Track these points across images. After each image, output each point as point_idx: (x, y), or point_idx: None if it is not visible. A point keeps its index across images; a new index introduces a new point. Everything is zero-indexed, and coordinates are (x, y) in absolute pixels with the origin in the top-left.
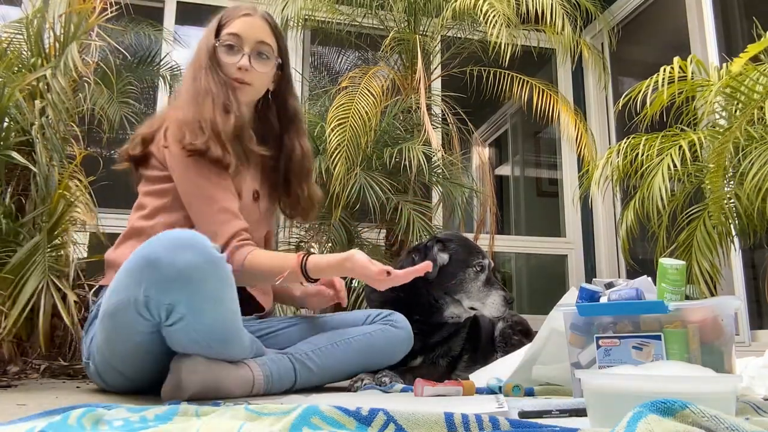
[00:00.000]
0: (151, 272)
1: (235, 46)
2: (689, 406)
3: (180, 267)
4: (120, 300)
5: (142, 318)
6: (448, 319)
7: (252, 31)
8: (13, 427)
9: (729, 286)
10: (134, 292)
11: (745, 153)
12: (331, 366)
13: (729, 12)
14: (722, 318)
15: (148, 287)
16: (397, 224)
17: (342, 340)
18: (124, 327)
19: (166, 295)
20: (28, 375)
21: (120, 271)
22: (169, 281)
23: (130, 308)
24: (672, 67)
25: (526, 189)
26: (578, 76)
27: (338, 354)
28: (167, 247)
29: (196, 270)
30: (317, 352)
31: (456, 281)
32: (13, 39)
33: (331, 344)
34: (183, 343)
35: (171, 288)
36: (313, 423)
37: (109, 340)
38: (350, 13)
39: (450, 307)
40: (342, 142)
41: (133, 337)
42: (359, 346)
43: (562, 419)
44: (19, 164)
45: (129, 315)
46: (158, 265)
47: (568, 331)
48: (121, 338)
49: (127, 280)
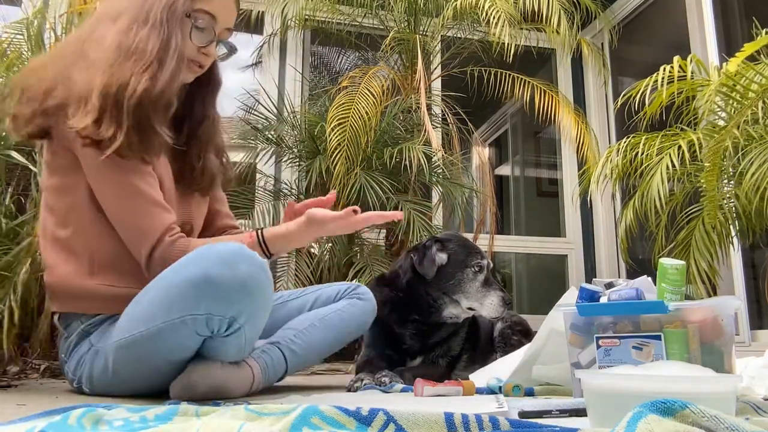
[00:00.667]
0: (213, 290)
1: (206, 28)
2: (689, 406)
3: (241, 279)
4: (167, 322)
5: (197, 335)
6: (446, 320)
7: (226, 15)
8: (13, 427)
9: (729, 286)
10: (189, 311)
11: (744, 152)
12: (312, 346)
13: (729, 12)
14: (722, 318)
15: (210, 304)
16: (397, 224)
17: (318, 320)
18: (170, 346)
19: (230, 308)
20: (28, 375)
21: (152, 296)
22: (231, 294)
23: (182, 328)
24: (672, 66)
25: (526, 189)
26: (578, 76)
27: (317, 334)
28: (222, 263)
29: (253, 280)
30: (299, 335)
31: (454, 281)
32: (13, 39)
33: (310, 325)
34: (228, 351)
35: (234, 301)
36: (313, 423)
37: (138, 361)
38: (350, 13)
39: (448, 307)
40: (342, 141)
41: (176, 353)
42: (333, 323)
43: (562, 419)
44: (18, 164)
45: (180, 333)
46: (218, 282)
47: (568, 331)
48: (157, 356)
49: (175, 302)
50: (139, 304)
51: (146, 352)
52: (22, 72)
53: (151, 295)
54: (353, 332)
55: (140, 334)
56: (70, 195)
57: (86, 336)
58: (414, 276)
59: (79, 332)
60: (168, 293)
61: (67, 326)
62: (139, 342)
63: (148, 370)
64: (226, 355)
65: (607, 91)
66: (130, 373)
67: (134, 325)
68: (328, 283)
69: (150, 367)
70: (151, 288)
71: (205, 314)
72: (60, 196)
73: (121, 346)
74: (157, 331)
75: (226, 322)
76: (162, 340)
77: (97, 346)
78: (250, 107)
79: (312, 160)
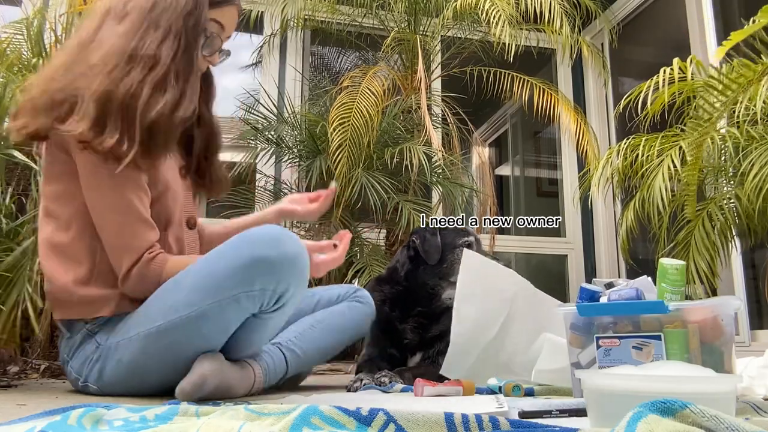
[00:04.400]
0: (266, 267)
1: (216, 37)
2: (689, 406)
3: (290, 256)
4: (214, 302)
5: (246, 311)
6: (446, 302)
7: (233, 24)
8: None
9: (729, 287)
10: (243, 289)
11: (745, 153)
12: (313, 347)
13: (729, 12)
14: (722, 318)
15: (264, 279)
16: (397, 224)
17: (318, 322)
18: (212, 328)
19: (281, 283)
20: (28, 375)
21: (198, 279)
22: (283, 270)
23: (233, 305)
24: (672, 68)
25: (526, 189)
26: (578, 76)
27: (317, 336)
28: (269, 243)
29: (300, 257)
30: (300, 336)
31: (447, 264)
32: (13, 39)
33: (310, 327)
34: (266, 331)
35: (285, 276)
36: (313, 423)
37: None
38: (350, 13)
39: (446, 290)
40: (344, 141)
41: (216, 336)
42: (334, 326)
43: (562, 419)
44: (19, 164)
45: (227, 313)
46: (270, 260)
47: (569, 332)
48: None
49: (226, 281)
50: (174, 293)
51: (182, 337)
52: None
53: (191, 283)
54: (353, 335)
55: (179, 319)
56: (72, 202)
57: (91, 336)
58: (412, 267)
59: (84, 333)
60: (215, 276)
61: (70, 328)
62: (177, 326)
63: (176, 359)
64: (263, 333)
65: (607, 92)
66: (154, 364)
67: (171, 312)
68: (328, 286)
69: (179, 354)
70: (189, 277)
71: (259, 289)
72: (61, 203)
73: (151, 334)
74: (199, 313)
75: (276, 297)
76: (206, 321)
77: (106, 344)
78: (250, 107)
79: (312, 160)
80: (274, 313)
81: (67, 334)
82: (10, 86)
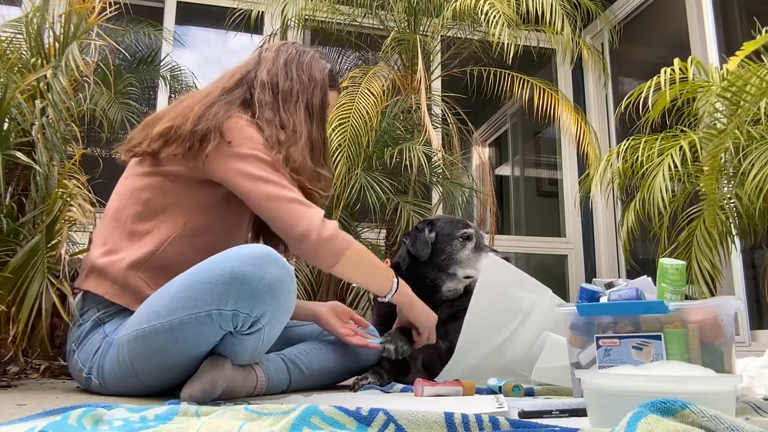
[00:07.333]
0: (242, 287)
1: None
2: (689, 406)
3: (270, 281)
4: (192, 315)
5: (221, 329)
6: (447, 295)
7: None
8: (13, 427)
9: (729, 286)
10: (216, 306)
11: (745, 153)
12: (318, 366)
13: (729, 12)
14: (722, 318)
15: (238, 301)
16: (396, 224)
17: (323, 343)
18: (190, 339)
19: (256, 307)
20: (28, 375)
21: (176, 291)
22: (259, 295)
23: (207, 321)
24: (672, 68)
25: (526, 189)
26: (578, 77)
27: (323, 356)
28: (253, 263)
29: (281, 283)
30: (305, 353)
31: (445, 255)
32: (12, 39)
33: (316, 347)
34: (245, 351)
35: (261, 301)
36: (313, 423)
37: (153, 353)
38: (350, 13)
39: (446, 282)
40: (343, 141)
41: (195, 346)
42: (342, 350)
43: (562, 419)
44: (19, 164)
45: (204, 327)
46: (248, 281)
47: (569, 331)
48: (178, 349)
49: (204, 295)
50: (161, 298)
51: (164, 344)
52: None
53: (175, 290)
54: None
55: (161, 325)
56: (171, 198)
57: (100, 324)
58: (412, 261)
59: (94, 320)
60: (195, 288)
61: (83, 313)
62: (159, 333)
63: (163, 363)
64: (242, 353)
65: (607, 92)
66: (143, 365)
67: (154, 317)
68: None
69: (165, 359)
70: (175, 283)
71: (231, 310)
72: (160, 195)
73: (138, 336)
74: (179, 323)
75: (250, 321)
76: (183, 332)
77: (111, 336)
78: None
79: None
80: (248, 336)
81: (78, 320)
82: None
